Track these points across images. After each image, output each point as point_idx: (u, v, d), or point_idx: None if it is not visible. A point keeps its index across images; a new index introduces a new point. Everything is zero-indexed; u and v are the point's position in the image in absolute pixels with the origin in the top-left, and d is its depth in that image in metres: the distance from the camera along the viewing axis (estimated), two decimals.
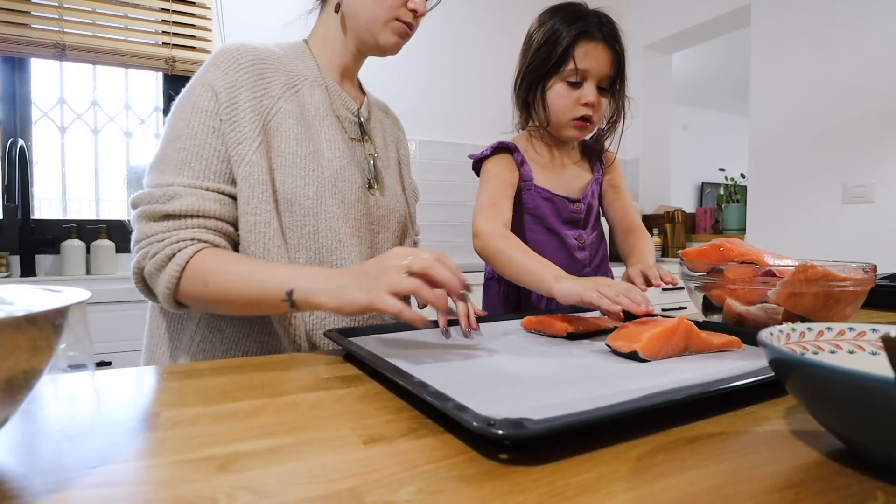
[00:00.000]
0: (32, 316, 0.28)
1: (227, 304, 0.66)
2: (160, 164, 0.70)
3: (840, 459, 0.34)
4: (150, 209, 0.67)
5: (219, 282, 0.64)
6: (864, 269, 0.72)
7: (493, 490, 0.30)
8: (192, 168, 0.70)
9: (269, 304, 0.64)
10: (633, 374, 0.51)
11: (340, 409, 0.43)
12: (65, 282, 1.82)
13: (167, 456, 0.34)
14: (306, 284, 0.61)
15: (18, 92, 1.95)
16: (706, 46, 3.48)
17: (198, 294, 0.66)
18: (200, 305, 0.69)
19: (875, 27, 2.07)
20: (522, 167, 1.02)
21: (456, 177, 2.70)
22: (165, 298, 0.67)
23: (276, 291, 0.62)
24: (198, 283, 0.65)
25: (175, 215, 0.68)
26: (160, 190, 0.68)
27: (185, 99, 0.73)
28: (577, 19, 0.95)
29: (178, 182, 0.68)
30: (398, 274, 0.56)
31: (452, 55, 2.68)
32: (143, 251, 0.67)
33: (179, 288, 0.66)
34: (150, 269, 0.66)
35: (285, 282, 0.62)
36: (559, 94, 0.97)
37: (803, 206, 2.29)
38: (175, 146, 0.70)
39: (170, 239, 0.66)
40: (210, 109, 0.71)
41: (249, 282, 0.63)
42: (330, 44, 0.84)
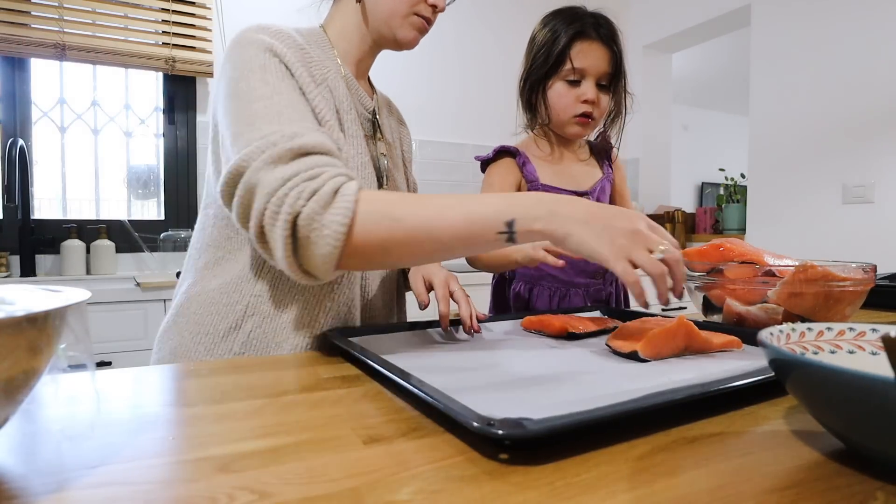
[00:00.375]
0: (32, 316, 0.28)
1: (423, 244, 0.55)
2: (248, 126, 0.59)
3: (840, 459, 0.34)
4: (274, 153, 0.55)
5: (414, 216, 0.54)
6: (864, 269, 0.72)
7: (493, 490, 0.30)
8: (289, 117, 0.60)
9: (480, 240, 0.55)
10: (633, 374, 0.51)
11: (340, 409, 0.43)
12: (65, 282, 1.82)
13: (167, 456, 0.34)
14: (529, 211, 0.53)
15: (18, 92, 1.95)
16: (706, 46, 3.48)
17: (384, 234, 0.54)
18: (378, 256, 0.56)
19: (875, 27, 2.07)
20: (525, 168, 1.04)
21: (456, 177, 2.70)
22: (336, 245, 0.53)
23: (494, 223, 0.53)
24: (383, 221, 0.54)
25: (310, 151, 0.57)
26: (274, 134, 0.57)
27: (245, 65, 0.64)
28: (574, 20, 0.99)
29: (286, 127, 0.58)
30: (646, 251, 0.51)
31: (454, 55, 2.68)
32: (293, 193, 0.53)
33: (353, 236, 0.54)
34: (312, 209, 0.53)
35: (503, 211, 0.53)
36: (559, 93, 1.00)
37: (803, 206, 2.29)
38: (261, 104, 0.61)
39: (325, 174, 0.55)
40: (283, 71, 0.65)
41: (457, 213, 0.54)
42: (347, 35, 0.80)
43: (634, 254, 0.51)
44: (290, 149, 0.56)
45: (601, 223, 0.52)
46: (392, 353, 0.59)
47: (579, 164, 1.11)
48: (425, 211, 0.55)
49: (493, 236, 0.54)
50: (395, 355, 0.57)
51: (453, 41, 2.67)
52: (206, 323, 0.71)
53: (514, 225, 0.53)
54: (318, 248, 0.54)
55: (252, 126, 0.59)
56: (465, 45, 2.70)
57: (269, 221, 0.54)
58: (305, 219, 0.53)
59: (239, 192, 0.57)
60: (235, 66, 0.65)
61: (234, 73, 0.65)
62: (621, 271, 0.51)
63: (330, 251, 0.53)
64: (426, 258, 0.58)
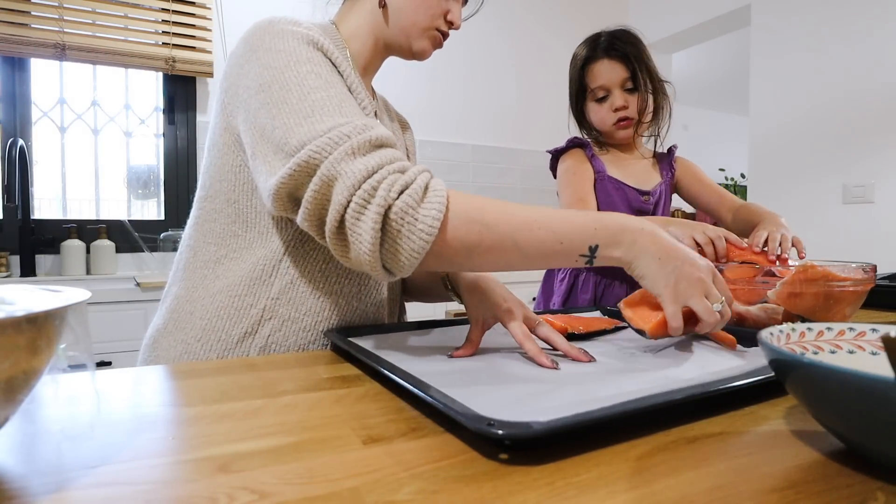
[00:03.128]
0: (32, 316, 0.28)
1: (509, 253, 0.55)
2: (308, 116, 0.57)
3: (840, 459, 0.34)
4: (354, 143, 0.53)
5: (503, 224, 0.54)
6: (864, 269, 0.72)
7: (493, 490, 0.30)
8: (350, 110, 0.58)
9: (563, 258, 0.56)
10: (634, 374, 0.51)
11: (340, 409, 0.43)
12: (65, 282, 1.82)
13: (167, 456, 0.34)
14: (612, 238, 0.55)
15: (18, 92, 1.95)
16: (706, 46, 3.48)
17: (472, 237, 0.53)
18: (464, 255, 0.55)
19: (875, 27, 2.07)
20: (593, 160, 1.15)
21: (456, 177, 2.70)
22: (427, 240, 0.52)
23: (579, 245, 0.55)
24: (473, 224, 0.53)
25: (386, 143, 0.56)
26: (345, 128, 0.54)
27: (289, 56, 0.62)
28: (584, 47, 1.14)
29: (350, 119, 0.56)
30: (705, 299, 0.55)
31: (455, 55, 2.67)
32: (383, 186, 0.51)
33: (446, 229, 0.53)
34: (406, 203, 0.51)
35: (589, 236, 0.55)
36: (594, 111, 1.15)
37: (803, 206, 2.29)
38: (318, 95, 0.58)
39: (412, 168, 0.54)
40: (328, 63, 0.64)
41: (546, 230, 0.54)
42: (361, 36, 0.78)
43: (692, 300, 0.54)
44: (369, 140, 0.54)
45: (672, 263, 0.55)
46: (392, 353, 0.59)
47: (643, 164, 1.20)
48: (514, 221, 0.54)
49: (575, 257, 0.55)
50: (395, 355, 0.57)
51: (455, 41, 2.67)
52: (216, 328, 0.68)
53: (597, 251, 0.55)
54: (409, 241, 0.52)
55: (311, 118, 0.56)
56: (465, 46, 2.70)
57: (355, 213, 0.52)
58: (399, 212, 0.51)
59: (314, 185, 0.54)
60: (274, 56, 0.62)
61: (275, 62, 0.61)
62: (671, 314, 0.54)
63: (422, 245, 0.52)
64: (505, 267, 0.58)
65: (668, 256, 0.55)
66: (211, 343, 0.68)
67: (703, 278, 0.55)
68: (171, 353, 0.69)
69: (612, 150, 1.20)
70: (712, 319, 0.54)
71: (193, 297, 0.70)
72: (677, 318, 0.54)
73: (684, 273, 0.54)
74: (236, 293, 0.68)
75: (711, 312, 0.54)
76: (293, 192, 0.57)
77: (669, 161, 1.22)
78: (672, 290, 0.54)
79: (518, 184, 2.87)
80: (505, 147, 2.82)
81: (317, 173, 0.54)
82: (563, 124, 1.29)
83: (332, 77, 0.62)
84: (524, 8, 2.90)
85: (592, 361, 0.56)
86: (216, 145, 0.70)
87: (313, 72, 0.61)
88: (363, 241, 0.52)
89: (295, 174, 0.55)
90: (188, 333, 0.69)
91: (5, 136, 1.92)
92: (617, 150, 1.20)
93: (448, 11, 0.77)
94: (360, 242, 0.52)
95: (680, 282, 0.54)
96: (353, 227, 0.53)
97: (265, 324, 0.68)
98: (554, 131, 2.84)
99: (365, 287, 0.72)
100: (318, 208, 0.55)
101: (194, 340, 0.68)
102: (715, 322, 0.55)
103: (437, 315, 1.93)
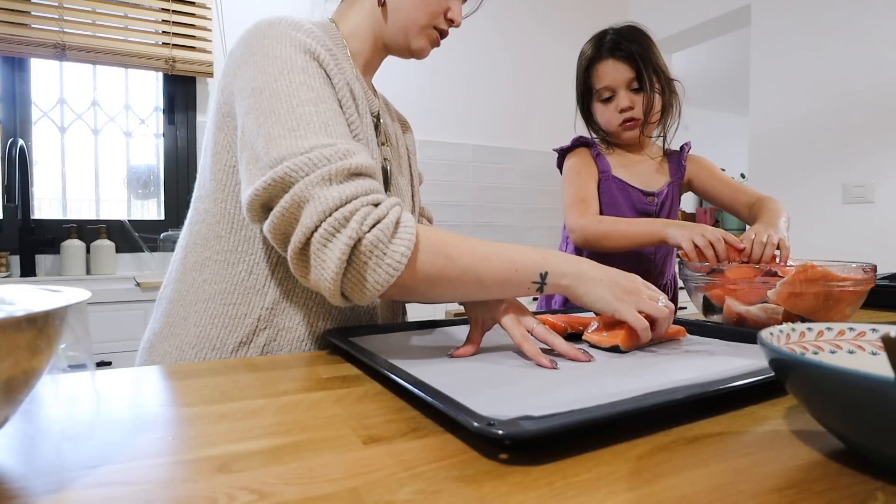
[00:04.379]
0: (32, 316, 0.28)
1: (468, 284, 0.58)
2: (293, 130, 0.57)
3: (840, 459, 0.34)
4: (331, 169, 0.54)
5: (464, 256, 0.57)
6: (864, 269, 0.72)
7: (493, 490, 0.30)
8: (336, 131, 0.59)
9: (517, 286, 0.60)
10: (633, 374, 0.51)
11: (340, 409, 0.43)
12: (65, 282, 1.82)
13: (167, 456, 0.34)
14: (559, 268, 0.60)
15: (18, 92, 1.95)
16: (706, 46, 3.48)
17: (437, 270, 0.56)
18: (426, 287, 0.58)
19: (875, 27, 2.07)
20: (598, 159, 1.14)
21: (456, 176, 2.70)
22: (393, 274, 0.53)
23: (531, 273, 0.60)
24: (438, 256, 0.56)
25: (364, 173, 0.56)
26: (326, 150, 0.55)
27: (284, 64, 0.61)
28: (590, 46, 1.13)
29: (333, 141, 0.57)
30: (651, 301, 0.61)
31: (455, 56, 2.68)
32: (356, 218, 0.52)
33: (412, 263, 0.55)
34: (377, 237, 0.52)
35: (539, 263, 0.60)
36: (600, 112, 1.14)
37: (803, 206, 2.29)
38: (307, 109, 0.59)
39: (385, 202, 0.55)
40: (324, 77, 0.63)
41: (502, 260, 0.59)
42: (360, 34, 0.78)
43: (642, 304, 0.60)
44: (348, 167, 0.54)
45: (613, 282, 0.61)
46: (392, 353, 0.59)
47: (650, 164, 1.19)
48: (475, 253, 0.58)
49: (527, 284, 0.60)
50: (395, 355, 0.57)
51: (455, 41, 2.67)
52: (210, 336, 0.67)
53: (547, 277, 0.60)
54: (376, 274, 0.53)
55: (296, 132, 0.57)
56: (466, 45, 2.70)
57: (322, 239, 0.53)
58: (369, 245, 0.52)
59: (284, 202, 0.54)
60: (270, 61, 0.62)
61: (269, 68, 0.61)
62: (633, 319, 0.59)
63: (387, 279, 0.54)
64: (463, 298, 0.62)
65: (608, 277, 0.62)
66: (205, 351, 0.67)
67: (639, 287, 0.62)
68: (166, 359, 0.69)
69: (619, 150, 1.19)
70: (664, 313, 0.60)
71: (186, 302, 0.70)
72: (640, 320, 0.59)
73: (625, 287, 0.61)
74: (230, 301, 0.68)
75: (661, 308, 0.60)
76: (266, 204, 0.57)
77: (679, 160, 1.20)
78: (623, 301, 0.60)
79: (518, 184, 2.87)
80: (505, 147, 2.82)
81: (290, 191, 0.54)
82: (564, 124, 1.29)
83: (324, 91, 0.62)
84: (524, 8, 2.90)
85: (591, 361, 0.57)
86: (210, 145, 0.70)
87: (306, 83, 0.61)
88: (327, 268, 0.53)
89: (269, 188, 0.55)
90: (183, 340, 0.68)
91: (5, 136, 1.92)
92: (624, 150, 1.19)
93: (448, 9, 0.76)
94: (324, 269, 0.53)
95: (625, 294, 0.61)
96: (318, 253, 0.53)
97: (260, 333, 0.68)
98: (554, 131, 2.84)
99: None
100: (284, 225, 0.56)
101: (189, 347, 0.68)
102: (668, 314, 0.60)
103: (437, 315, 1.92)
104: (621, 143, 1.18)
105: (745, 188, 1.16)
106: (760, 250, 0.84)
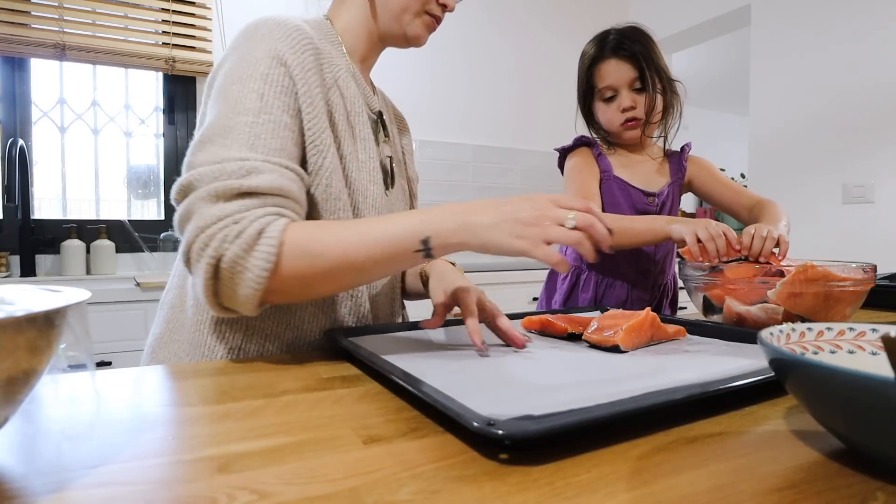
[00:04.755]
0: (32, 316, 0.28)
1: (346, 274, 0.57)
2: (222, 137, 0.59)
3: (840, 459, 0.34)
4: (222, 186, 0.55)
5: (333, 248, 0.56)
6: (864, 269, 0.72)
7: (493, 490, 0.30)
8: (266, 145, 0.59)
9: (400, 260, 0.57)
10: (634, 374, 0.51)
11: (340, 409, 0.43)
12: (65, 282, 1.82)
13: (167, 456, 0.34)
14: (442, 226, 0.55)
15: (18, 92, 1.95)
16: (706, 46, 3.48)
17: (303, 273, 0.56)
18: (300, 289, 0.58)
19: (875, 27, 2.07)
20: (600, 159, 1.15)
21: (456, 177, 2.70)
22: (257, 288, 0.54)
23: (410, 242, 0.55)
24: (303, 258, 0.55)
25: (255, 192, 0.56)
26: (233, 164, 0.56)
27: (248, 68, 0.63)
28: (592, 46, 1.13)
29: (254, 157, 0.58)
30: (558, 226, 0.53)
31: (454, 56, 2.68)
32: (219, 236, 0.53)
33: (278, 273, 0.55)
34: (235, 253, 0.53)
35: (417, 229, 0.55)
36: (602, 111, 1.14)
37: (803, 206, 2.29)
38: (245, 119, 0.60)
39: (248, 217, 0.55)
40: (285, 86, 0.63)
41: (375, 238, 0.56)
42: (354, 29, 0.78)
43: (548, 234, 0.52)
44: (238, 188, 0.55)
45: (509, 219, 0.53)
46: (392, 353, 0.59)
47: (651, 164, 1.19)
48: (344, 241, 0.56)
49: (410, 255, 0.56)
50: (395, 355, 0.57)
51: (454, 41, 2.67)
52: (200, 343, 0.68)
53: (430, 241, 0.55)
54: (242, 288, 0.55)
55: (223, 139, 0.59)
56: (466, 45, 2.70)
57: (196, 255, 0.55)
58: (229, 262, 0.53)
59: (180, 210, 0.57)
60: (239, 62, 0.64)
61: (235, 69, 0.63)
62: (542, 256, 0.52)
63: (252, 293, 0.55)
64: (346, 287, 0.62)
65: (502, 215, 0.54)
66: (198, 357, 0.67)
67: (543, 212, 0.53)
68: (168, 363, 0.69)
69: (620, 150, 1.18)
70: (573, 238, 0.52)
71: (184, 307, 0.70)
72: (550, 254, 0.52)
73: (525, 220, 0.53)
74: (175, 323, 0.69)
75: (568, 234, 0.52)
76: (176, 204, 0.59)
77: (680, 161, 1.20)
78: (524, 240, 0.52)
79: (518, 184, 2.87)
80: (505, 147, 2.82)
81: (185, 200, 0.56)
82: (564, 124, 1.29)
83: (274, 101, 0.62)
84: (525, 8, 2.90)
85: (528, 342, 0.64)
86: None
87: (257, 91, 0.62)
88: (198, 283, 0.56)
89: (179, 191, 0.58)
90: (179, 346, 0.69)
91: (5, 136, 1.92)
92: (625, 149, 1.19)
93: None
94: (196, 284, 0.56)
95: (525, 229, 0.53)
96: (193, 268, 0.56)
97: (249, 339, 0.67)
98: (554, 131, 2.84)
99: (344, 297, 0.71)
100: (180, 228, 0.58)
101: (184, 354, 0.68)
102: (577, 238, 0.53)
103: None
104: (622, 143, 1.17)
105: (746, 191, 1.16)
106: (760, 244, 0.83)
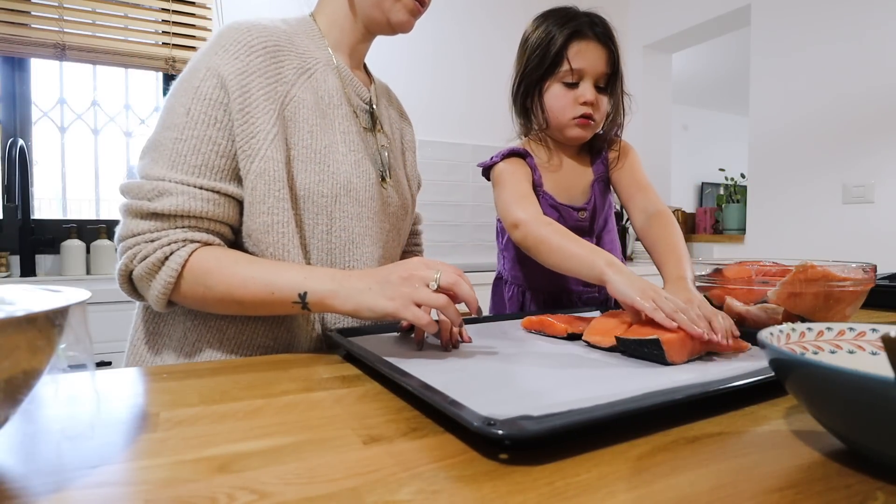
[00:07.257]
0: (32, 316, 0.28)
1: (232, 306, 0.64)
2: (153, 150, 0.66)
3: (840, 459, 0.34)
4: (136, 205, 0.63)
5: (223, 284, 0.62)
6: (864, 269, 0.72)
7: (493, 490, 0.30)
8: (186, 162, 0.64)
9: (279, 307, 0.62)
10: (634, 374, 0.51)
11: (340, 409, 0.43)
12: (65, 282, 1.82)
13: (167, 456, 0.34)
14: (320, 286, 0.60)
15: (18, 92, 1.95)
16: (706, 46, 3.48)
17: (198, 297, 0.63)
18: (199, 306, 0.66)
19: (875, 27, 2.07)
20: (535, 172, 0.99)
21: (456, 177, 2.70)
22: (158, 302, 0.63)
23: (289, 294, 0.61)
24: (198, 286, 0.62)
25: (163, 214, 0.63)
26: (149, 184, 0.63)
27: (186, 82, 0.67)
28: (568, 20, 0.94)
29: (171, 177, 0.63)
30: (425, 287, 0.57)
31: (454, 56, 2.68)
32: (130, 252, 0.62)
33: (178, 291, 0.63)
34: (141, 272, 0.62)
35: (298, 284, 0.61)
36: (557, 96, 0.95)
37: (803, 206, 2.29)
38: (171, 134, 0.65)
39: (161, 241, 0.62)
40: (215, 98, 0.65)
41: (258, 284, 0.61)
42: (338, 22, 0.78)
43: (417, 296, 0.57)
44: (147, 209, 0.63)
45: (381, 281, 0.59)
46: (392, 353, 0.59)
47: (575, 169, 1.04)
48: (233, 280, 0.62)
49: (289, 305, 0.62)
50: (395, 355, 0.57)
51: (455, 41, 2.67)
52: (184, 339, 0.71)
53: (307, 297, 0.61)
54: (147, 295, 0.64)
55: (154, 154, 0.66)
56: (466, 45, 2.70)
57: (118, 255, 0.64)
58: (136, 277, 0.63)
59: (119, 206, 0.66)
60: (185, 73, 0.68)
61: (178, 81, 0.68)
62: (411, 317, 0.56)
63: (155, 301, 0.64)
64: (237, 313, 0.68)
65: (375, 279, 0.60)
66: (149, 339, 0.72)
67: (412, 270, 0.59)
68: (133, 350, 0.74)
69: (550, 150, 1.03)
70: (438, 301, 0.57)
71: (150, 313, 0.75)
72: (419, 316, 0.56)
73: (393, 282, 0.58)
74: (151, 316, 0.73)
75: (434, 296, 0.57)
76: None
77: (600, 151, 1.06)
78: (395, 301, 0.57)
79: None
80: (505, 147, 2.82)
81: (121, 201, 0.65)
82: None
83: (200, 116, 0.65)
84: (524, 8, 2.89)
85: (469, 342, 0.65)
86: None
87: (185, 106, 0.65)
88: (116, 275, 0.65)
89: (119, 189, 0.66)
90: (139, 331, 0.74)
91: (5, 136, 1.92)
92: (556, 150, 1.03)
93: None
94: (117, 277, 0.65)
95: (396, 290, 0.58)
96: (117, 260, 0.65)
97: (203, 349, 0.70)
98: None
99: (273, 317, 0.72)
100: None
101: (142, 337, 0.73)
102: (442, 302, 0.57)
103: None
104: (561, 140, 1.02)
105: (649, 191, 1.01)
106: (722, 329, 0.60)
